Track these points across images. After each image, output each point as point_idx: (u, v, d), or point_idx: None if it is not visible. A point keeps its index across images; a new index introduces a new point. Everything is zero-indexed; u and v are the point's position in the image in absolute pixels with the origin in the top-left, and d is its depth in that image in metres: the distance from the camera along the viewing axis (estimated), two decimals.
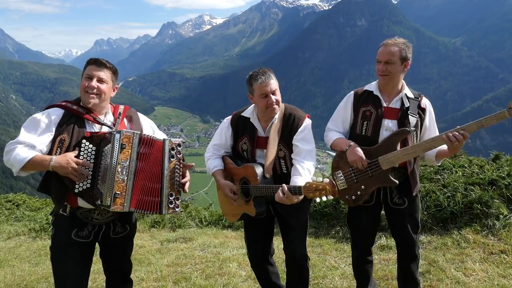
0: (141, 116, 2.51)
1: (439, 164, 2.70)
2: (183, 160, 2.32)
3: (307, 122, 2.55)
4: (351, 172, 2.59)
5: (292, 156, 2.49)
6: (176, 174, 2.26)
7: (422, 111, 2.58)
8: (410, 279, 2.73)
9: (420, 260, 2.82)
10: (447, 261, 3.57)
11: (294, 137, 2.48)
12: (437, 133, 2.57)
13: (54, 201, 2.21)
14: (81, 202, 2.16)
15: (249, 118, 2.59)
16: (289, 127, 2.50)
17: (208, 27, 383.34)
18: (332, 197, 2.15)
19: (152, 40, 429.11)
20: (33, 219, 6.28)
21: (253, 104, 2.59)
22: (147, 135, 2.22)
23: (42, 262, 4.58)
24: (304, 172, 2.38)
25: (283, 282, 2.92)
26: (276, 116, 2.52)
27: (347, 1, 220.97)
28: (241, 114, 2.63)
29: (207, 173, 2.74)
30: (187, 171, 2.33)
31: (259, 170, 2.45)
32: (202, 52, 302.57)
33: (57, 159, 2.06)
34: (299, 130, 2.49)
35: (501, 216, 3.99)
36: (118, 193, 2.07)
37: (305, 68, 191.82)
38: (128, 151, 2.12)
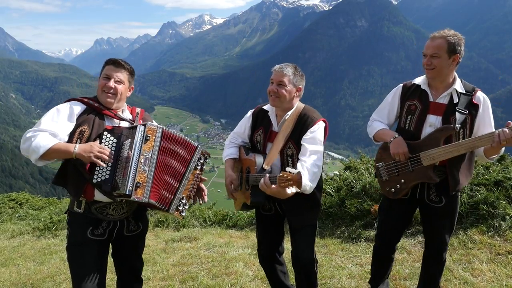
0: (154, 122, 2.54)
1: (493, 160, 2.60)
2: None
3: (320, 124, 2.50)
4: (393, 165, 2.56)
5: (299, 155, 2.47)
6: (195, 182, 2.33)
7: (474, 107, 2.42)
8: (432, 282, 2.68)
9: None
10: (454, 261, 3.57)
11: (304, 137, 2.46)
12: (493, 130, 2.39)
13: (71, 193, 2.21)
14: (98, 196, 2.16)
15: (268, 112, 2.62)
16: (301, 126, 2.50)
17: (208, 27, 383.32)
18: (297, 190, 2.16)
19: (152, 40, 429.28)
20: (37, 218, 6.27)
21: None
22: (172, 132, 2.26)
23: (47, 261, 4.57)
24: (304, 171, 2.28)
25: (292, 282, 2.92)
26: (289, 112, 2.51)
27: (347, 2, 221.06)
28: (263, 107, 2.67)
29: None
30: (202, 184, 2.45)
31: (259, 159, 2.50)
32: (202, 52, 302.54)
33: (80, 146, 2.07)
34: (310, 130, 2.47)
35: (507, 217, 3.99)
36: (140, 183, 2.09)
37: (305, 68, 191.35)
38: (151, 143, 2.16)
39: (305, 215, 2.54)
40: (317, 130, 2.47)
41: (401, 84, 2.67)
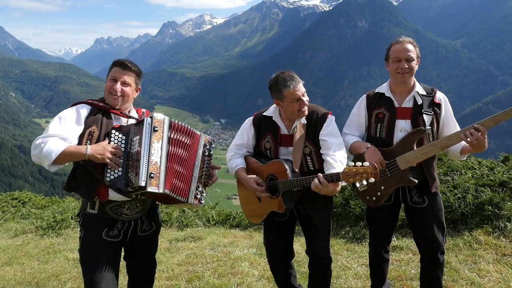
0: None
1: (464, 159, 2.64)
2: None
3: (331, 117, 2.53)
4: None
5: (322, 151, 2.47)
6: (205, 168, 2.34)
7: (437, 106, 2.54)
8: (435, 284, 2.66)
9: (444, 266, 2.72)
10: (460, 262, 3.57)
11: (321, 132, 2.47)
12: (458, 127, 2.53)
13: (84, 196, 2.19)
14: (112, 195, 2.15)
15: (272, 117, 2.59)
16: (313, 124, 2.50)
17: (209, 26, 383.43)
18: (374, 180, 2.06)
19: (152, 39, 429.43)
20: (40, 217, 6.26)
21: (274, 105, 2.58)
22: (178, 122, 2.26)
23: (51, 260, 4.57)
24: (337, 164, 2.33)
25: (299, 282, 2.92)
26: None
27: (347, 2, 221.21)
28: (263, 114, 2.63)
29: (229, 172, 2.70)
30: (215, 171, 2.42)
31: (287, 164, 2.43)
32: (202, 51, 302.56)
33: (92, 147, 2.08)
34: (325, 125, 2.48)
35: None
36: (153, 174, 2.08)
37: (305, 68, 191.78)
38: (160, 134, 2.15)
39: (326, 210, 2.56)
40: (332, 124, 2.51)
41: (364, 95, 2.74)
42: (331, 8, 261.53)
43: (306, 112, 2.47)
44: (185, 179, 2.25)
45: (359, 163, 2.09)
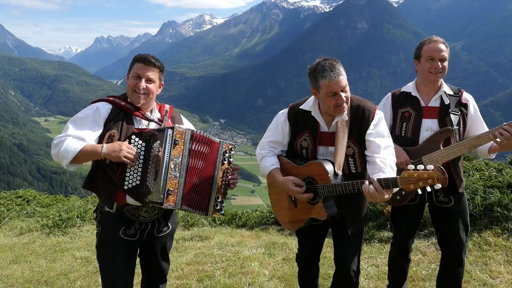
0: (183, 119, 2.49)
1: (493, 157, 2.61)
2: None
3: (379, 114, 2.26)
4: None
5: (367, 153, 2.21)
6: (225, 177, 2.27)
7: (464, 106, 2.53)
8: (455, 284, 2.64)
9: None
10: (471, 263, 3.58)
11: (368, 132, 2.20)
12: (485, 128, 2.53)
13: (101, 199, 2.19)
14: (129, 199, 2.13)
15: (310, 112, 2.29)
16: (359, 121, 2.23)
17: (209, 26, 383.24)
18: (441, 186, 1.80)
19: (152, 39, 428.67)
20: (45, 215, 6.24)
21: (312, 97, 2.32)
22: (200, 132, 2.19)
23: (59, 259, 4.56)
24: (387, 169, 2.07)
25: None
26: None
27: (348, 3, 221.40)
28: (300, 107, 2.33)
29: (261, 172, 2.46)
30: (236, 173, 2.35)
31: (329, 166, 2.16)
32: (202, 51, 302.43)
33: (108, 145, 2.05)
34: (372, 124, 2.21)
35: None
36: (171, 190, 2.04)
37: (305, 69, 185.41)
38: (181, 147, 2.09)
39: (362, 219, 2.36)
40: (380, 122, 2.24)
41: (390, 93, 2.71)
42: (331, 9, 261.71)
43: (345, 110, 2.18)
44: (204, 192, 2.20)
45: (421, 166, 1.85)
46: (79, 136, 2.06)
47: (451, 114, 2.48)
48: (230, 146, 2.31)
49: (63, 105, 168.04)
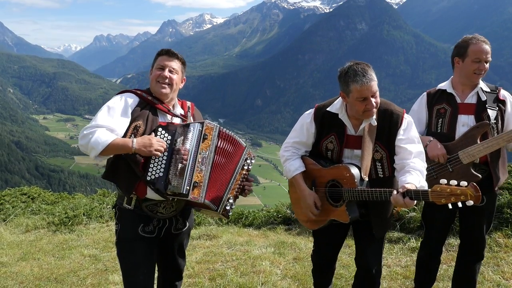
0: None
1: None
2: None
3: (408, 118, 2.24)
4: (430, 168, 2.54)
5: (397, 159, 2.19)
6: (241, 182, 2.30)
7: (501, 103, 2.52)
8: (471, 280, 2.66)
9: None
10: (482, 264, 3.56)
11: (397, 138, 2.19)
12: None
13: (122, 188, 2.17)
14: (150, 193, 2.13)
15: (337, 114, 2.27)
16: (387, 125, 2.21)
17: (209, 26, 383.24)
18: (473, 203, 1.80)
19: (152, 38, 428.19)
20: (51, 212, 6.21)
21: (339, 99, 2.29)
22: (226, 131, 2.22)
23: (67, 256, 4.54)
24: (416, 173, 2.06)
25: None
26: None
27: (348, 5, 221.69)
28: (327, 109, 2.30)
29: (284, 175, 2.47)
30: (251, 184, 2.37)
31: (355, 171, 2.15)
32: (202, 51, 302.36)
33: (138, 140, 2.04)
34: (401, 128, 2.19)
35: None
36: (197, 182, 2.06)
37: (305, 70, 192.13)
38: (209, 143, 2.12)
39: (388, 222, 2.36)
40: (409, 127, 2.22)
41: (425, 92, 2.72)
42: (331, 10, 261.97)
43: (374, 115, 2.17)
44: (221, 189, 2.21)
45: (454, 182, 1.83)
46: (109, 126, 2.05)
47: (488, 110, 2.46)
48: (252, 155, 2.34)
49: (62, 103, 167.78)
